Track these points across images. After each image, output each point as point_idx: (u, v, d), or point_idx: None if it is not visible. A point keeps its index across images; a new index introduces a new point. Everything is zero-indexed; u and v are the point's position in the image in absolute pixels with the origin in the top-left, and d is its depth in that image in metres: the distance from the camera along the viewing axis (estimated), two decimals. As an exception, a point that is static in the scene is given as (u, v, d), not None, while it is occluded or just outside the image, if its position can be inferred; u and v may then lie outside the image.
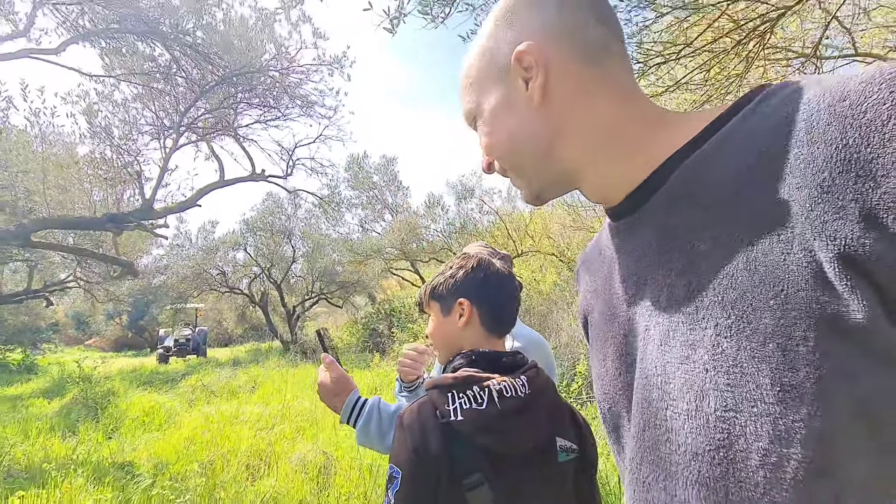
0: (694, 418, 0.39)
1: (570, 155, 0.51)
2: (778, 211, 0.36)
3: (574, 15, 0.50)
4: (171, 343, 16.89)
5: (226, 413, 6.79)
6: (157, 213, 5.07)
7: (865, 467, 0.34)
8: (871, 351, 0.33)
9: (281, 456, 4.71)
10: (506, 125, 0.53)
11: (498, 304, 0.96)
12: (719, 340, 0.38)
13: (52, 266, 12.66)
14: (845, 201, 0.33)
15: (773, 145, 0.38)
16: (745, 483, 0.36)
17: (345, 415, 1.10)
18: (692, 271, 0.42)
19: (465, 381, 0.84)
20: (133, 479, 4.15)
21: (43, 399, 9.18)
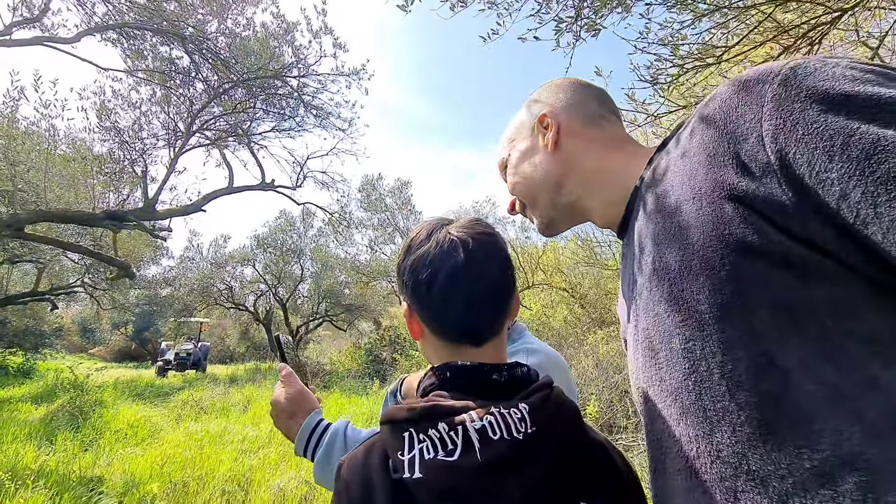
0: (669, 360, 0.49)
1: (573, 190, 0.69)
2: (691, 181, 0.49)
3: (581, 95, 0.72)
4: (172, 356, 16.61)
5: (212, 432, 6.45)
6: (158, 215, 4.94)
7: (796, 352, 0.40)
8: (772, 259, 0.42)
9: (260, 483, 4.34)
10: (527, 166, 0.72)
11: (438, 301, 0.60)
12: (671, 289, 0.49)
13: (62, 270, 12.67)
14: (726, 159, 0.45)
15: (680, 147, 0.53)
16: (715, 396, 0.44)
17: (300, 442, 0.80)
18: (656, 251, 0.52)
19: (424, 414, 0.53)
20: (97, 497, 3.81)
21: (31, 404, 8.91)
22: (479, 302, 0.60)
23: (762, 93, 0.44)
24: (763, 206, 0.42)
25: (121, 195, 5.13)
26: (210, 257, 15.88)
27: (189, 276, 15.38)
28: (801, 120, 0.40)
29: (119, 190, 5.08)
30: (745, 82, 0.46)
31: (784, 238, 0.41)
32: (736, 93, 0.46)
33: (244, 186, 5.98)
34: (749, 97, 0.45)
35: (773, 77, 0.44)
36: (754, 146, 0.43)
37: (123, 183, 5.00)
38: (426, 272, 0.60)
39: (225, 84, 4.71)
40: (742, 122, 0.44)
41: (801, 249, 0.41)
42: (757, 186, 0.42)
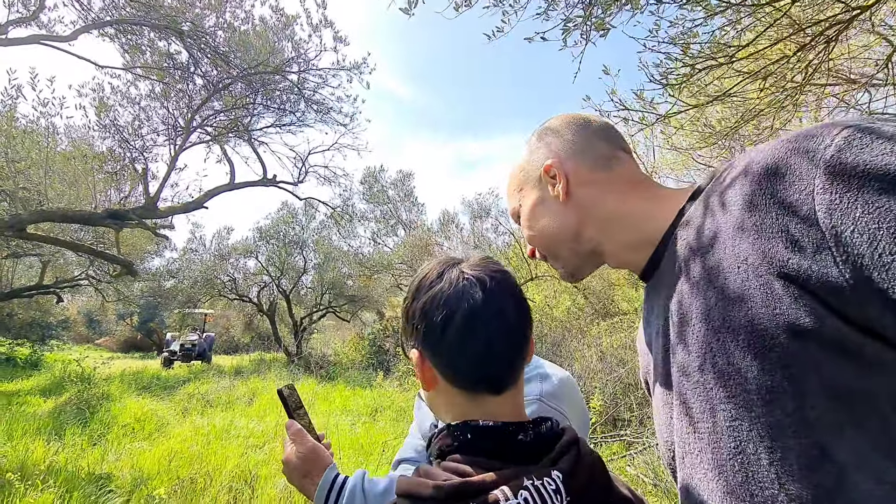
0: (711, 435, 0.47)
1: (592, 237, 0.67)
2: (737, 252, 0.46)
3: (583, 139, 0.69)
4: (177, 347, 16.74)
5: (218, 426, 6.50)
6: (160, 213, 4.91)
7: (853, 445, 0.38)
8: (825, 344, 0.40)
9: (266, 480, 4.38)
10: (542, 219, 0.70)
11: (454, 345, 0.56)
12: (715, 361, 0.47)
13: (66, 264, 12.71)
14: (774, 231, 0.43)
15: (723, 205, 0.50)
16: (762, 482, 0.42)
17: (320, 501, 0.78)
18: (693, 311, 0.51)
19: (453, 494, 0.48)
20: (106, 495, 3.85)
21: (39, 397, 9.00)
22: (498, 344, 0.56)
23: (814, 163, 0.41)
24: (816, 285, 0.40)
25: (122, 193, 5.09)
26: (213, 249, 15.89)
27: (193, 268, 15.40)
28: (860, 198, 0.38)
29: (120, 188, 5.05)
30: (796, 147, 0.43)
31: (839, 322, 0.39)
32: (785, 157, 0.44)
33: (245, 182, 5.94)
34: (800, 165, 0.42)
35: (826, 148, 0.41)
36: (806, 220, 0.41)
37: (125, 180, 4.96)
38: (441, 314, 0.56)
39: (225, 79, 4.64)
40: (792, 193, 0.42)
41: (858, 336, 0.39)
42: (810, 265, 0.40)
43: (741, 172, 0.48)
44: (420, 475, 0.53)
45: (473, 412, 0.56)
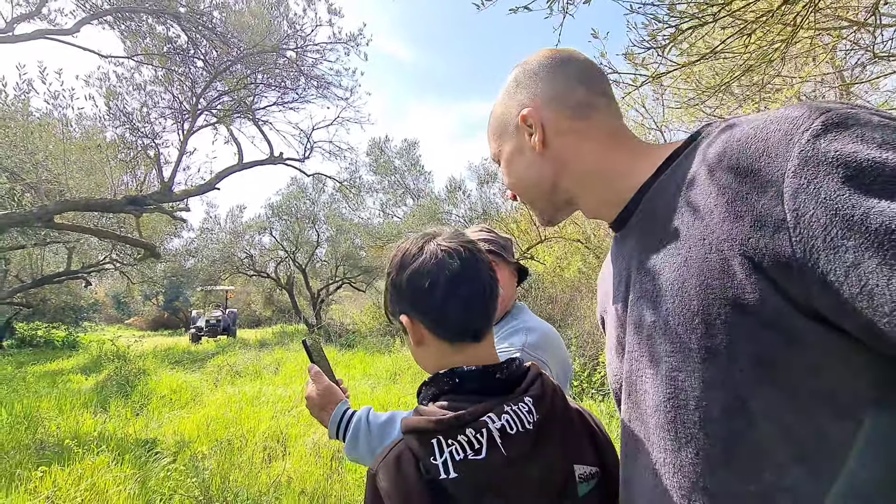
0: (654, 379, 0.54)
1: (569, 188, 0.68)
2: (702, 224, 0.50)
3: (562, 83, 0.66)
4: (203, 324, 17.43)
5: (248, 393, 6.93)
6: (176, 196, 5.11)
7: (765, 401, 0.46)
8: (763, 319, 0.45)
9: (296, 439, 4.75)
10: (519, 169, 0.70)
11: (440, 304, 0.68)
12: (668, 319, 0.52)
13: (90, 249, 13.19)
14: (744, 210, 0.46)
15: (697, 176, 0.52)
16: (687, 423, 0.50)
17: (332, 429, 0.97)
18: (654, 269, 0.55)
19: (452, 424, 0.62)
20: (153, 455, 4.25)
21: (81, 375, 9.62)
22: (476, 301, 0.70)
23: (790, 145, 0.43)
24: (769, 264, 0.44)
25: (137, 179, 5.29)
26: (228, 228, 16.25)
27: (211, 247, 15.83)
28: (825, 185, 0.40)
29: (135, 174, 5.24)
30: (776, 129, 0.45)
31: (780, 301, 0.44)
32: (763, 138, 0.46)
33: (254, 162, 6.08)
34: (776, 147, 0.45)
35: (804, 132, 0.43)
36: (773, 200, 0.44)
37: (139, 167, 5.14)
38: (427, 280, 0.68)
39: (225, 61, 4.70)
40: (765, 172, 0.45)
41: (795, 315, 0.44)
42: (767, 243, 0.44)
43: (721, 146, 0.50)
44: (419, 414, 0.66)
45: (457, 359, 0.69)
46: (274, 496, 3.32)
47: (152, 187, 5.30)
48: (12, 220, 3.73)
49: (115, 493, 3.37)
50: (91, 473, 3.57)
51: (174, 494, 3.38)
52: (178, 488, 3.44)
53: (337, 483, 3.52)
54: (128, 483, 3.49)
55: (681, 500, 0.51)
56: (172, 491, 3.44)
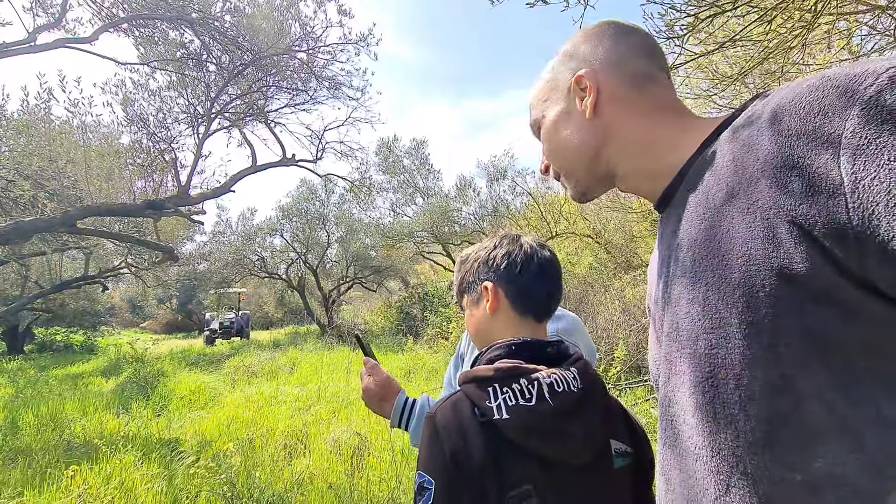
0: (692, 359, 0.51)
1: (611, 158, 0.64)
2: (746, 191, 0.46)
3: (624, 50, 0.64)
4: (217, 326, 17.65)
5: (265, 393, 7.02)
6: (192, 200, 5.19)
7: (815, 381, 0.42)
8: (814, 292, 0.41)
9: (316, 436, 4.80)
10: (562, 133, 0.67)
11: (527, 280, 0.81)
12: (707, 294, 0.49)
13: (106, 254, 13.43)
14: (793, 176, 0.42)
15: (743, 142, 0.49)
16: (727, 403, 0.47)
17: (395, 418, 1.03)
18: (695, 245, 0.52)
19: (508, 373, 0.70)
20: (177, 455, 4.32)
21: (101, 378, 9.81)
22: (554, 287, 0.84)
23: (850, 103, 0.39)
24: (822, 231, 0.40)
25: (154, 183, 5.38)
26: (240, 230, 16.41)
27: (223, 250, 16.00)
28: (889, 145, 0.36)
29: (153, 179, 5.33)
30: (833, 85, 0.41)
31: (833, 272, 0.40)
32: (819, 97, 0.42)
33: (267, 164, 6.15)
34: (833, 105, 0.40)
35: (867, 87, 0.39)
36: (828, 162, 0.39)
37: (156, 172, 5.23)
38: (521, 258, 0.82)
39: (238, 65, 4.76)
40: (820, 132, 0.40)
41: (849, 287, 0.40)
42: (819, 210, 0.40)
43: (773, 110, 0.46)
44: (478, 369, 0.74)
45: (520, 331, 0.80)
46: (299, 492, 3.36)
47: (169, 191, 5.39)
48: (37, 227, 3.83)
49: (143, 491, 3.44)
50: (119, 472, 3.65)
51: (200, 491, 3.44)
52: (203, 486, 3.50)
53: (361, 480, 3.56)
54: (155, 481, 3.56)
55: (719, 484, 0.47)
56: (198, 488, 3.50)
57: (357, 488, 3.40)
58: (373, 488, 3.37)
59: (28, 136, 4.22)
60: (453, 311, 10.80)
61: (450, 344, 9.92)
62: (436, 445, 0.68)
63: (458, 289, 0.89)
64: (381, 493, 3.29)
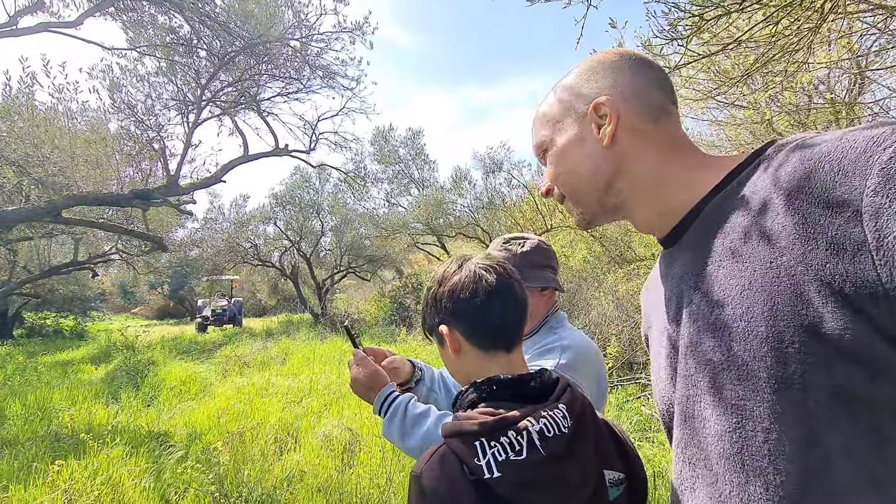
0: (717, 407, 0.50)
1: (622, 191, 0.64)
2: (769, 246, 0.47)
3: (643, 81, 0.63)
4: (209, 313, 17.55)
5: (257, 385, 6.98)
6: (182, 190, 5.09)
7: (844, 437, 0.43)
8: (843, 350, 0.42)
9: (307, 431, 4.78)
10: (573, 159, 0.65)
11: (476, 314, 0.75)
12: (731, 345, 0.49)
13: (95, 239, 13.25)
14: (817, 233, 0.44)
15: (765, 196, 0.50)
16: (756, 455, 0.47)
17: (376, 407, 1.07)
18: (714, 292, 0.52)
19: (494, 426, 0.66)
20: (166, 449, 4.29)
21: (91, 365, 9.72)
22: (510, 312, 0.76)
23: (869, 163, 0.41)
24: (852, 290, 0.41)
25: (143, 172, 5.26)
26: (232, 218, 16.23)
27: (215, 237, 15.84)
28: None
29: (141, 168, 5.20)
30: (851, 147, 0.43)
31: (863, 330, 0.41)
32: (839, 157, 0.43)
33: (259, 154, 6.03)
34: (853, 165, 0.42)
35: (885, 150, 0.41)
36: (851, 221, 0.41)
37: (144, 161, 5.11)
38: (467, 291, 0.75)
39: (229, 52, 4.62)
40: (841, 192, 0.42)
41: (879, 345, 0.40)
42: (847, 268, 0.41)
43: (793, 166, 0.47)
44: (460, 420, 0.69)
45: (492, 368, 0.74)
46: (288, 491, 3.34)
47: (157, 180, 5.26)
48: (20, 216, 3.72)
49: (130, 487, 3.40)
50: (106, 467, 3.61)
51: (188, 488, 3.41)
52: (192, 482, 3.47)
53: (351, 477, 3.54)
54: (142, 476, 3.52)
55: None
56: (186, 484, 3.47)
57: (347, 486, 3.39)
58: (363, 484, 3.36)
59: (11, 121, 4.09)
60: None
61: (443, 336, 9.92)
62: None
63: (425, 331, 0.85)
64: (371, 491, 3.28)
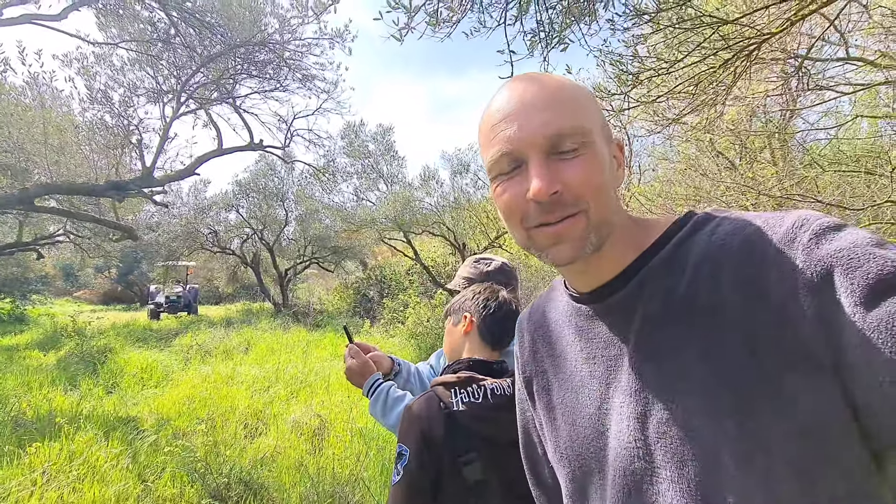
0: (677, 483, 0.48)
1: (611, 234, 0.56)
2: (720, 315, 0.48)
3: None
4: (162, 300, 17.03)
5: (222, 373, 7.07)
6: (157, 181, 5.14)
7: None
8: (801, 419, 0.43)
9: (277, 417, 5.03)
10: (605, 176, 0.54)
11: (493, 321, 1.18)
12: (688, 417, 0.48)
13: (41, 220, 12.58)
14: (758, 308, 0.46)
15: (709, 266, 0.50)
16: None
17: (364, 390, 1.40)
18: (660, 358, 0.52)
19: (465, 381, 1.08)
20: (138, 434, 4.44)
21: (38, 351, 9.39)
22: (510, 329, 1.11)
23: (794, 244, 0.46)
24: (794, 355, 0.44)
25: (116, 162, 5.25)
26: (191, 203, 15.80)
27: (172, 222, 15.38)
28: (828, 277, 0.43)
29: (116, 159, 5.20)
30: (777, 231, 0.48)
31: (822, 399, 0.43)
32: (769, 240, 0.48)
33: (234, 148, 6.11)
34: (783, 247, 0.47)
35: (805, 231, 0.46)
36: (787, 293, 0.45)
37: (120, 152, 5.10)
38: (494, 305, 1.20)
39: (211, 52, 4.72)
40: (773, 272, 0.46)
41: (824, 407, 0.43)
42: (788, 334, 0.44)
43: (731, 242, 0.50)
44: (445, 376, 1.13)
45: (480, 352, 1.17)
46: (266, 469, 3.63)
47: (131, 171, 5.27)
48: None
49: (108, 468, 3.58)
50: (82, 450, 3.75)
51: (165, 468, 3.62)
52: (169, 462, 3.68)
53: (323, 458, 3.86)
54: (120, 459, 3.70)
55: None
56: (163, 465, 3.68)
57: (320, 463, 3.72)
58: (335, 465, 3.70)
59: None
60: (410, 297, 11.14)
61: (406, 329, 10.27)
62: (411, 425, 1.04)
63: (447, 311, 1.27)
64: (342, 470, 3.62)
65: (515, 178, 0.54)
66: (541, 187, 0.51)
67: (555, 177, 0.51)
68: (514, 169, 0.54)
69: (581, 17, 2.57)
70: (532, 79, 0.56)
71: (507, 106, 0.55)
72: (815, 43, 3.26)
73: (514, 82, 0.57)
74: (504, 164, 0.54)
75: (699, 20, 2.51)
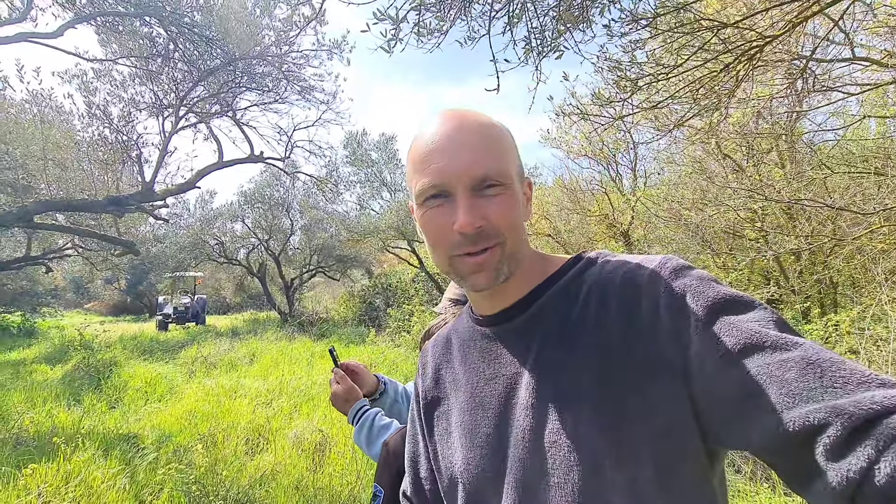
0: (563, 487, 0.54)
1: (520, 264, 0.63)
2: (606, 334, 0.56)
3: None
4: (171, 310, 17.10)
5: (225, 386, 7.02)
6: (157, 196, 5.14)
7: None
8: (654, 419, 0.51)
9: (278, 432, 4.96)
10: (519, 212, 0.61)
11: None
12: (576, 426, 0.54)
13: (50, 234, 12.72)
14: (637, 333, 0.54)
15: (597, 298, 0.59)
16: None
17: (350, 417, 1.34)
18: (555, 374, 0.58)
19: (426, 335, 1.04)
20: (138, 451, 4.39)
21: (46, 365, 9.41)
22: None
23: (658, 280, 0.56)
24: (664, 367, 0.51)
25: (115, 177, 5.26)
26: (198, 214, 15.91)
27: (179, 233, 15.48)
28: (686, 304, 0.53)
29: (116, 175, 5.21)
30: (648, 270, 0.57)
31: (679, 405, 0.51)
32: (640, 275, 0.57)
33: (234, 160, 6.12)
34: (650, 282, 0.56)
35: (665, 270, 0.57)
36: (660, 320, 0.53)
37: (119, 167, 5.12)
38: None
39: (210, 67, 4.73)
40: (646, 302, 0.55)
41: (689, 417, 0.51)
42: (660, 350, 0.52)
43: (613, 280, 0.59)
44: None
45: None
46: (263, 490, 3.56)
47: (132, 186, 5.28)
48: (-9, 221, 3.72)
49: (105, 489, 3.52)
50: (79, 470, 3.70)
51: (163, 488, 3.56)
52: (166, 482, 3.62)
53: (323, 476, 3.78)
54: (117, 479, 3.64)
55: None
56: (161, 485, 3.62)
57: (319, 483, 3.64)
58: (334, 483, 3.61)
59: (-20, 124, 4.06)
60: (416, 306, 11.06)
61: (411, 338, 10.18)
62: (387, 465, 0.98)
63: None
64: (341, 488, 3.54)
65: (443, 208, 0.59)
66: (468, 221, 0.57)
67: (479, 212, 0.57)
68: (441, 199, 0.59)
69: (575, 24, 2.50)
70: (464, 117, 0.61)
71: (441, 141, 0.59)
72: (819, 43, 3.17)
73: (448, 118, 0.62)
74: (432, 193, 0.59)
75: (698, 24, 2.43)
